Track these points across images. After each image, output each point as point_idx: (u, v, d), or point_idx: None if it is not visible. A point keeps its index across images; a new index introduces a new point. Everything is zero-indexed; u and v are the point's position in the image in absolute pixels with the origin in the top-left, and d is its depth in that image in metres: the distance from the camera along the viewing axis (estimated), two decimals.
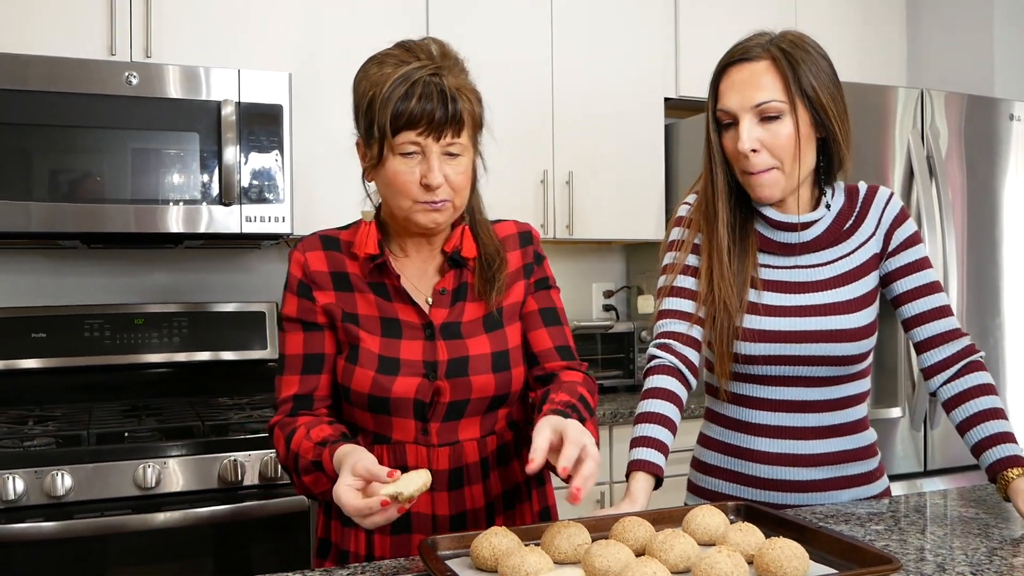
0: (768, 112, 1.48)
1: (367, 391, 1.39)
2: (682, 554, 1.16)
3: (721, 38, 3.41)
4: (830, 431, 1.57)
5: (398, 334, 1.41)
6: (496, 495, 1.46)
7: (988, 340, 3.09)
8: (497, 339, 1.44)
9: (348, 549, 1.44)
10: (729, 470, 1.61)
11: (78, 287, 2.94)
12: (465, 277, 1.46)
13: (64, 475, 2.18)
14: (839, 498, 1.58)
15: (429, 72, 1.32)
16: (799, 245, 1.57)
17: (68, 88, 2.49)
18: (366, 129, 1.36)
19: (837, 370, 1.55)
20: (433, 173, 1.32)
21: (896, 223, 1.57)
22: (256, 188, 2.65)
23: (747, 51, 1.51)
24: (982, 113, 3.10)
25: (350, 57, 2.87)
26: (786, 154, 1.49)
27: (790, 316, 1.53)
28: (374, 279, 1.43)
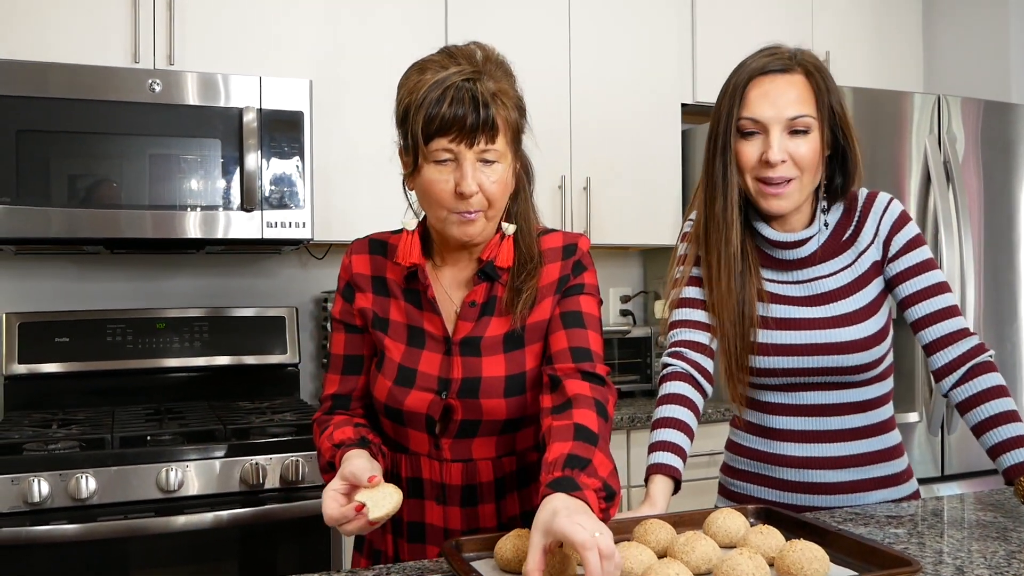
0: (798, 126, 1.50)
1: (384, 400, 1.40)
2: (703, 556, 1.17)
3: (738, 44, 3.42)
4: (854, 433, 1.59)
5: (421, 344, 1.41)
6: (513, 515, 1.44)
7: (1006, 345, 3.09)
8: (514, 361, 1.39)
9: (381, 549, 1.48)
10: (757, 474, 1.64)
11: (101, 292, 2.98)
12: (496, 290, 1.41)
13: (88, 478, 2.21)
14: (867, 499, 1.59)
15: (464, 77, 1.29)
16: (796, 261, 1.59)
17: (91, 95, 2.52)
18: (403, 138, 1.34)
19: (853, 377, 1.57)
20: (466, 181, 1.29)
21: (895, 228, 1.58)
22: (277, 194, 2.68)
23: (784, 62, 1.52)
24: (999, 118, 3.10)
25: (370, 64, 2.93)
26: (809, 168, 1.52)
27: (800, 329, 1.55)
28: (410, 286, 1.43)
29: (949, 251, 2.89)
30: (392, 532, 1.47)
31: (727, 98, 1.55)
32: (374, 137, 2.93)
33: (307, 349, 3.20)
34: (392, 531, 1.46)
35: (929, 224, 2.93)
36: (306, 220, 2.71)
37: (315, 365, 3.21)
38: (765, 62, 1.53)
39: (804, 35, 3.53)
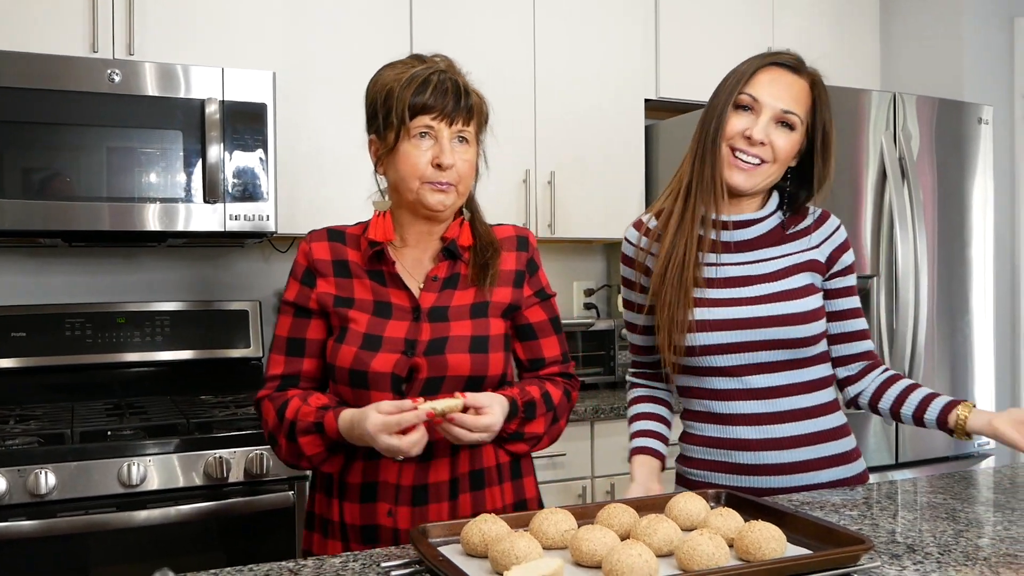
0: (787, 120, 1.62)
1: (348, 366, 1.48)
2: (665, 537, 1.20)
3: (701, 41, 3.49)
4: (803, 413, 1.65)
5: (387, 315, 1.50)
6: (462, 473, 1.52)
7: (956, 338, 3.16)
8: (480, 325, 1.52)
9: (329, 517, 1.54)
10: (714, 460, 1.68)
11: (59, 286, 2.94)
12: (458, 268, 1.55)
13: (47, 473, 2.18)
14: (820, 478, 1.65)
15: (442, 70, 1.47)
16: (734, 243, 1.68)
17: (48, 85, 2.49)
18: (384, 118, 1.47)
19: (794, 353, 1.64)
20: (445, 153, 1.45)
21: (842, 249, 1.71)
22: (240, 187, 2.67)
23: (798, 64, 1.65)
24: (952, 116, 3.18)
25: (334, 56, 2.93)
26: (781, 159, 1.64)
27: (734, 306, 1.63)
28: (372, 267, 1.53)
29: (904, 246, 2.95)
30: (338, 497, 1.52)
31: (736, 75, 1.66)
32: (339, 130, 2.93)
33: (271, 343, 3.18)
34: (338, 495, 1.52)
35: (884, 219, 2.99)
36: (270, 213, 2.70)
37: None
38: (783, 57, 1.66)
39: (765, 32, 3.58)
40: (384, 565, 1.23)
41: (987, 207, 3.26)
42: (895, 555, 1.26)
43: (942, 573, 1.17)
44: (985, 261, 3.25)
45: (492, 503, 1.54)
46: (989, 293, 3.26)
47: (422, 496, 1.49)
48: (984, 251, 3.25)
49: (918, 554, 1.26)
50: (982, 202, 3.24)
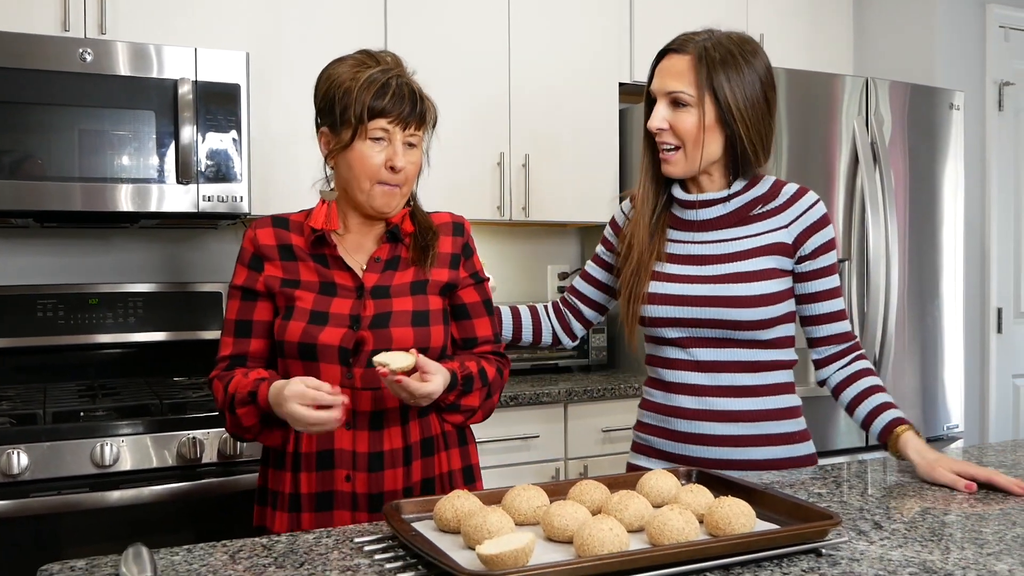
0: (679, 100, 1.64)
1: (297, 340, 1.55)
2: (636, 513, 1.21)
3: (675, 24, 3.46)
4: (746, 391, 1.68)
5: (332, 293, 1.59)
6: (414, 441, 1.59)
7: (926, 320, 3.21)
8: (420, 301, 1.61)
9: (279, 490, 1.58)
10: (658, 426, 1.74)
11: (31, 267, 2.91)
12: (399, 251, 1.64)
13: (20, 453, 2.17)
14: (757, 454, 1.67)
15: (397, 75, 1.55)
16: (698, 223, 1.71)
17: (18, 64, 2.45)
18: (340, 115, 1.54)
19: (740, 334, 1.66)
20: (398, 156, 1.54)
21: (814, 228, 1.69)
22: (213, 167, 2.65)
23: (680, 44, 1.67)
24: (924, 101, 3.21)
25: (308, 37, 2.91)
26: (687, 138, 1.65)
27: (688, 283, 1.67)
28: (316, 250, 1.62)
29: (875, 229, 2.98)
30: (291, 469, 1.57)
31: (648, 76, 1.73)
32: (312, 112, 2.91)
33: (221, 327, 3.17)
34: (292, 467, 1.57)
35: (856, 203, 3.02)
36: (243, 194, 2.69)
37: None
38: (672, 43, 1.69)
39: (739, 17, 3.59)
40: (358, 540, 1.24)
41: (958, 192, 3.30)
42: (862, 531, 1.28)
43: (907, 548, 1.20)
44: (956, 245, 3.29)
45: (440, 467, 1.62)
46: (959, 277, 3.31)
47: (378, 463, 1.56)
48: (955, 235, 3.29)
49: (884, 530, 1.28)
50: (953, 187, 3.28)
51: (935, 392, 3.23)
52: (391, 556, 1.17)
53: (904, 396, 3.11)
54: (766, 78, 1.65)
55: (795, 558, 1.15)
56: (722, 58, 1.62)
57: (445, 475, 1.62)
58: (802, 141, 2.92)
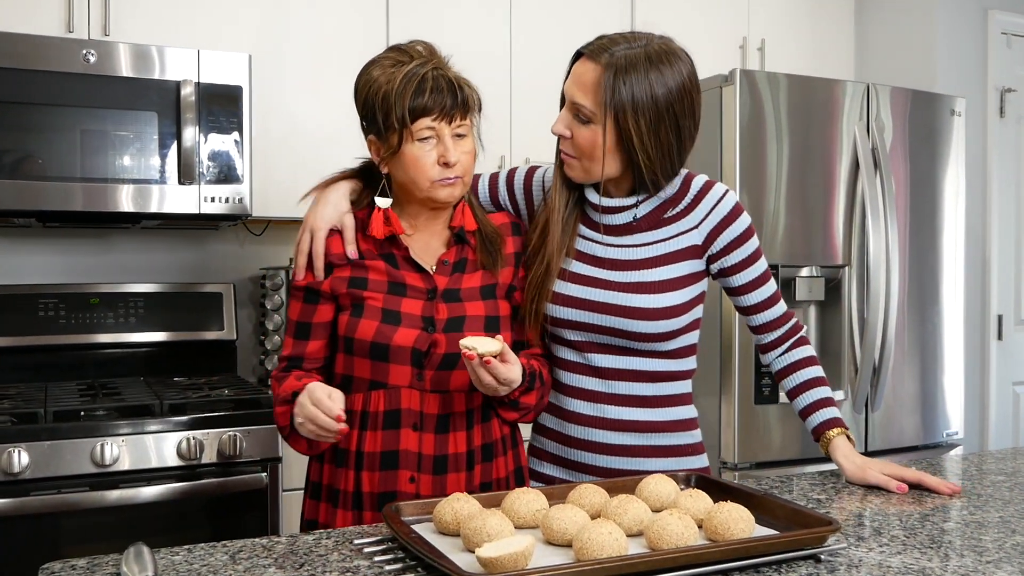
0: (580, 114, 1.55)
1: (370, 339, 1.53)
2: (635, 517, 1.22)
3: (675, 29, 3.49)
4: (640, 400, 1.62)
5: (402, 293, 1.56)
6: (477, 446, 1.58)
7: (927, 326, 3.21)
8: (491, 306, 1.60)
9: (341, 487, 1.55)
10: (552, 430, 1.68)
11: (33, 266, 2.92)
12: (465, 253, 1.62)
13: (21, 452, 2.17)
14: (650, 465, 1.61)
15: (432, 67, 1.51)
16: (607, 227, 1.64)
17: (23, 65, 2.47)
18: (383, 121, 1.51)
19: (641, 344, 1.60)
20: (450, 152, 1.51)
21: (724, 223, 1.62)
22: (215, 169, 2.66)
23: (595, 51, 1.55)
24: (925, 108, 3.21)
25: (310, 39, 2.92)
26: (583, 154, 1.57)
27: (592, 287, 1.61)
28: (384, 251, 1.59)
29: (875, 235, 2.98)
30: (355, 468, 1.54)
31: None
32: (314, 113, 2.93)
33: (244, 326, 3.18)
34: (355, 466, 1.54)
35: (857, 209, 3.02)
36: (245, 195, 2.70)
37: (253, 342, 3.19)
38: (588, 46, 1.57)
39: (739, 22, 3.60)
40: (357, 542, 1.24)
41: (959, 198, 3.30)
42: (861, 537, 1.28)
43: (907, 555, 1.20)
44: (956, 252, 3.29)
45: (497, 472, 1.61)
46: (959, 284, 3.31)
47: (442, 466, 1.54)
48: (955, 242, 3.29)
49: (884, 536, 1.29)
50: (954, 193, 3.28)
51: (935, 399, 3.23)
52: (390, 558, 1.17)
53: (903, 402, 3.12)
54: (682, 102, 1.53)
55: (794, 564, 1.15)
56: (632, 87, 1.50)
57: (502, 479, 1.61)
58: (802, 147, 2.92)
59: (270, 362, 3.01)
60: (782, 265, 2.86)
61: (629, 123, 1.51)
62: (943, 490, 1.52)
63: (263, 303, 3.04)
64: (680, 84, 1.53)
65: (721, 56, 3.53)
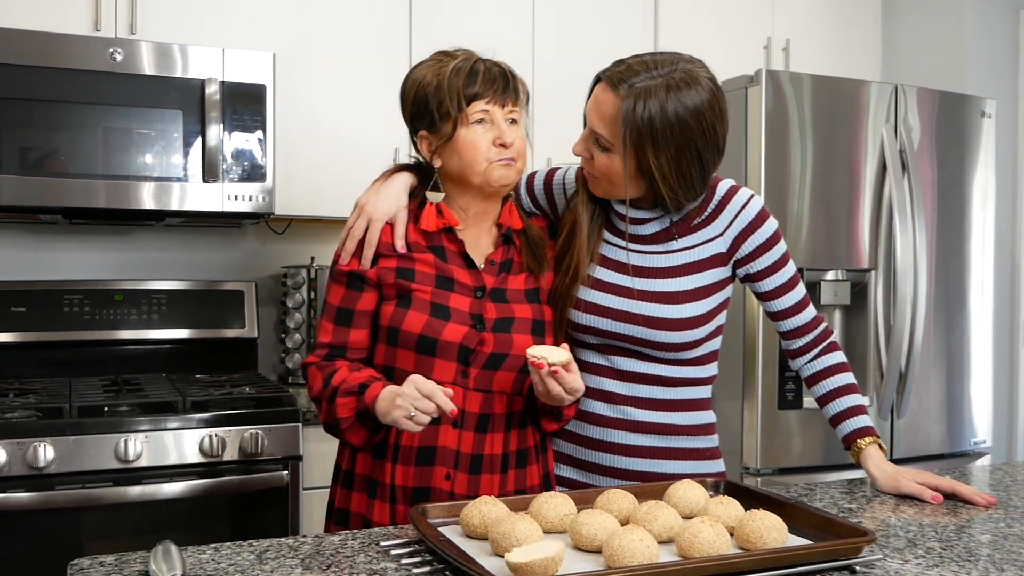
0: (599, 142, 1.55)
1: (419, 331, 1.51)
2: (665, 524, 1.20)
3: (700, 30, 3.48)
4: (659, 404, 1.62)
5: (450, 288, 1.55)
6: (511, 450, 1.57)
7: (954, 332, 3.17)
8: (536, 310, 1.60)
9: (379, 479, 1.54)
10: (569, 431, 1.67)
11: (58, 262, 2.93)
12: (512, 253, 1.62)
13: (46, 446, 2.18)
14: (666, 467, 1.61)
15: (481, 59, 1.55)
16: (632, 236, 1.63)
17: (50, 63, 2.48)
18: (437, 110, 1.52)
19: (661, 353, 1.59)
20: (505, 133, 1.52)
21: (750, 229, 1.61)
22: (238, 167, 2.66)
23: (615, 81, 1.53)
24: (954, 109, 3.17)
25: (334, 38, 2.92)
26: (604, 177, 1.57)
27: (616, 295, 1.60)
28: (434, 243, 1.58)
29: (903, 239, 2.95)
30: (391, 460, 1.53)
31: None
32: (337, 113, 2.92)
33: (265, 324, 3.18)
34: (391, 459, 1.53)
35: (884, 212, 2.98)
36: (268, 194, 2.70)
37: (274, 339, 3.20)
38: (609, 71, 1.56)
39: (765, 23, 3.57)
40: (384, 544, 1.23)
41: (988, 202, 3.25)
42: (896, 548, 1.26)
43: (944, 568, 1.17)
44: (984, 256, 3.25)
45: (530, 480, 1.60)
46: (988, 289, 3.26)
47: (478, 465, 1.53)
48: (983, 246, 3.24)
49: (919, 548, 1.26)
50: (982, 197, 3.24)
51: (961, 406, 3.18)
52: (418, 561, 1.16)
53: (929, 410, 3.08)
54: (704, 135, 1.51)
55: (828, 575, 1.13)
56: (651, 124, 1.47)
57: (535, 487, 1.59)
58: (827, 148, 2.89)
59: (291, 360, 3.01)
60: (807, 268, 2.83)
61: (649, 157, 1.50)
62: (978, 501, 1.49)
63: (284, 301, 3.04)
64: (701, 114, 1.50)
65: (746, 56, 3.49)
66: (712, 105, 1.51)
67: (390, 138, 2.93)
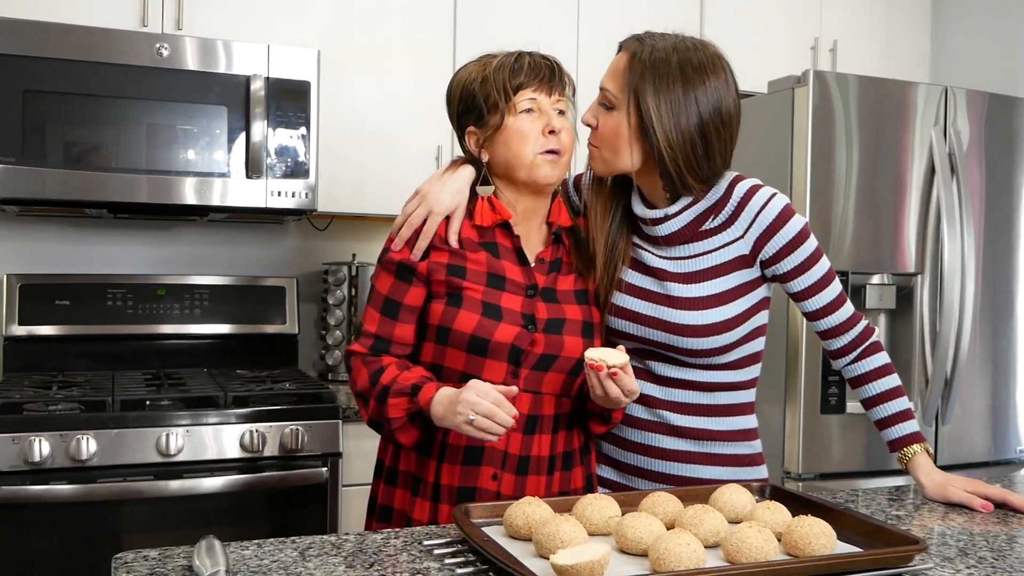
0: (606, 100, 1.56)
1: (471, 332, 1.49)
2: (712, 528, 1.18)
3: (746, 33, 3.44)
4: (697, 409, 1.59)
5: (500, 287, 1.52)
6: (558, 452, 1.56)
7: (1000, 341, 3.10)
8: (586, 312, 1.58)
9: (423, 477, 1.53)
10: (612, 433, 1.65)
11: (103, 256, 2.97)
12: (560, 252, 1.60)
13: (89, 439, 2.21)
14: (706, 473, 1.59)
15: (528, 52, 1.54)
16: (653, 238, 1.60)
17: (99, 58, 2.51)
18: (485, 103, 1.52)
19: (691, 359, 1.57)
20: (553, 119, 1.51)
21: (772, 230, 1.55)
22: (282, 163, 2.68)
23: (626, 42, 1.60)
24: (1004, 112, 3.11)
25: (379, 36, 2.92)
26: (605, 143, 1.56)
27: (645, 300, 1.58)
28: (487, 240, 1.55)
29: (951, 243, 2.89)
30: (437, 459, 1.52)
31: None
32: (381, 110, 2.93)
33: (306, 320, 3.20)
34: (437, 458, 1.52)
35: (932, 215, 2.93)
36: (311, 190, 2.71)
37: (314, 336, 3.21)
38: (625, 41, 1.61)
39: (811, 23, 3.52)
40: (427, 543, 1.23)
41: None
42: (947, 557, 1.23)
43: None
44: None
45: (574, 482, 1.58)
46: None
47: (524, 466, 1.52)
48: None
49: (971, 558, 1.23)
50: None
51: (1007, 414, 3.12)
52: (461, 561, 1.16)
53: (975, 417, 3.02)
54: (706, 94, 1.50)
55: None
56: (654, 66, 1.50)
57: (580, 490, 1.58)
58: (874, 150, 2.84)
59: (331, 357, 3.02)
60: (852, 272, 2.79)
61: (649, 102, 1.49)
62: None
63: (325, 298, 3.05)
64: (704, 72, 1.51)
65: (793, 57, 3.46)
66: (717, 71, 1.53)
67: (433, 137, 2.93)
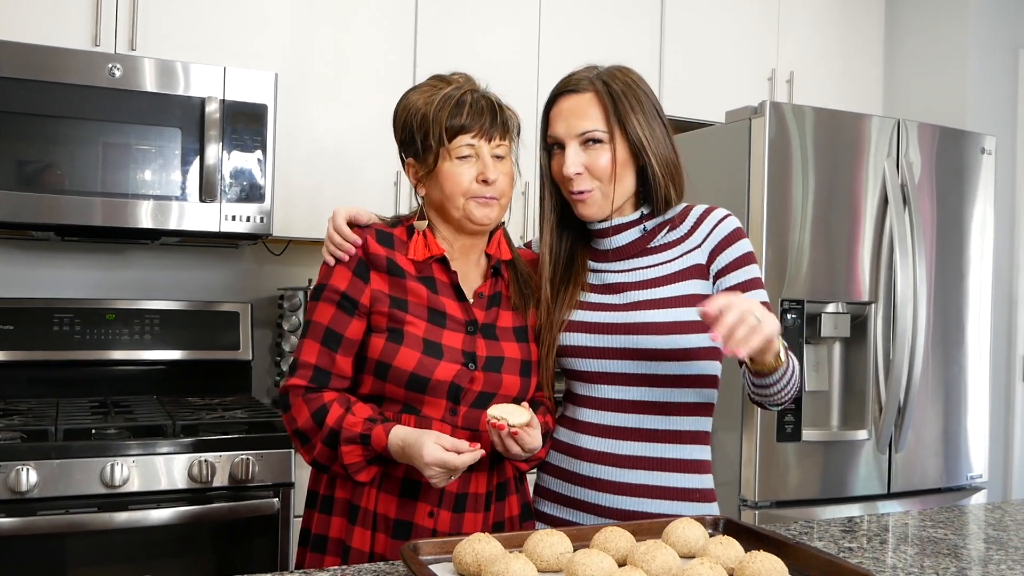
0: (590, 138, 1.58)
1: (411, 369, 1.47)
2: (664, 565, 1.17)
3: (704, 62, 3.48)
4: (649, 435, 1.57)
5: (442, 324, 1.52)
6: (494, 485, 1.57)
7: (952, 368, 3.14)
8: (524, 349, 1.59)
9: (358, 504, 1.50)
10: (556, 466, 1.64)
11: (49, 280, 2.90)
12: (499, 286, 1.61)
13: (29, 470, 2.14)
14: (655, 507, 1.55)
15: (470, 90, 1.52)
16: (613, 251, 1.64)
17: (48, 77, 2.46)
18: (421, 141, 1.51)
19: (654, 366, 1.56)
20: (489, 168, 1.50)
21: (725, 243, 1.61)
22: (236, 187, 2.64)
23: (576, 83, 1.61)
24: (954, 145, 3.17)
25: (337, 59, 2.91)
26: (604, 176, 1.58)
27: (604, 311, 1.60)
28: (424, 273, 1.54)
29: (903, 273, 2.93)
30: (376, 486, 1.50)
31: (541, 118, 1.67)
32: (339, 134, 2.91)
33: (260, 346, 3.15)
34: (377, 486, 1.50)
35: (884, 246, 2.97)
36: (266, 215, 2.67)
37: (268, 362, 3.16)
38: (562, 84, 1.63)
39: (768, 56, 3.57)
40: None
41: (986, 237, 3.24)
42: None
43: None
44: (982, 291, 3.24)
45: (509, 510, 1.59)
46: (985, 323, 3.24)
47: (462, 504, 1.51)
48: (981, 281, 3.23)
49: None
50: (980, 232, 3.23)
51: (958, 441, 3.16)
52: None
53: (927, 444, 3.05)
54: (659, 105, 1.62)
55: None
56: (625, 94, 1.57)
57: (515, 518, 1.59)
58: (828, 181, 2.88)
59: None
60: (808, 300, 2.81)
61: (635, 126, 1.56)
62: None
63: (280, 323, 3.01)
64: (645, 86, 1.62)
65: (750, 88, 3.50)
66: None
67: (391, 162, 2.89)
